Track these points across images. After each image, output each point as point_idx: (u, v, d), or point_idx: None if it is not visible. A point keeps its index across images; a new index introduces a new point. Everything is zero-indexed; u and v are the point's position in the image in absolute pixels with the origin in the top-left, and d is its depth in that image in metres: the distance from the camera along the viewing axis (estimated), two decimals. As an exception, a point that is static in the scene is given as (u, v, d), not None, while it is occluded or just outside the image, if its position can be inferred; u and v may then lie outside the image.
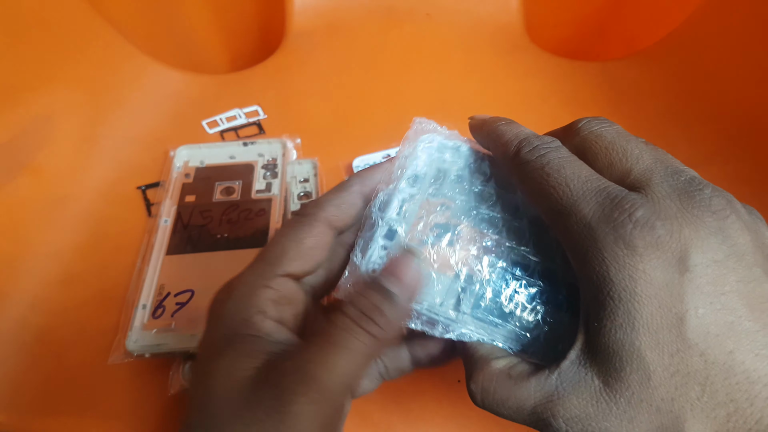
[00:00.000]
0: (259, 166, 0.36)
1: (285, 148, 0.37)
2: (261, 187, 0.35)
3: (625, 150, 0.16)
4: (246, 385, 0.15)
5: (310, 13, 0.52)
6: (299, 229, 0.18)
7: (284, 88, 0.44)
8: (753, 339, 0.13)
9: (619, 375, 0.14)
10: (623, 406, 0.14)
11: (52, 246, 0.34)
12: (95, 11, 0.43)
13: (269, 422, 0.15)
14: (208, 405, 0.16)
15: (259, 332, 0.16)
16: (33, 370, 0.29)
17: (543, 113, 0.40)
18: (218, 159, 0.37)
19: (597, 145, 0.16)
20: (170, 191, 0.35)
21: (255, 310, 0.17)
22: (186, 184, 0.35)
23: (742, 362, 0.13)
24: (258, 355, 0.16)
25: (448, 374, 0.27)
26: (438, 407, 0.26)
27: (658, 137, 0.38)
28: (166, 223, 0.33)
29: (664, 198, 0.14)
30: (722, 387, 0.13)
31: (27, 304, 0.31)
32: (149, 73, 0.45)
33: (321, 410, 0.15)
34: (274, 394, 0.15)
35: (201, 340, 0.18)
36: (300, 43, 0.50)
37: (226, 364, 0.16)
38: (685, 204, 0.14)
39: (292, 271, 0.18)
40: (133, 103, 0.43)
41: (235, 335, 0.16)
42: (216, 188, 0.35)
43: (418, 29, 0.50)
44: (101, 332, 0.30)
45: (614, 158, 0.16)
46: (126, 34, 0.45)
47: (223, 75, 0.48)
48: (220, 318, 0.17)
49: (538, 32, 0.52)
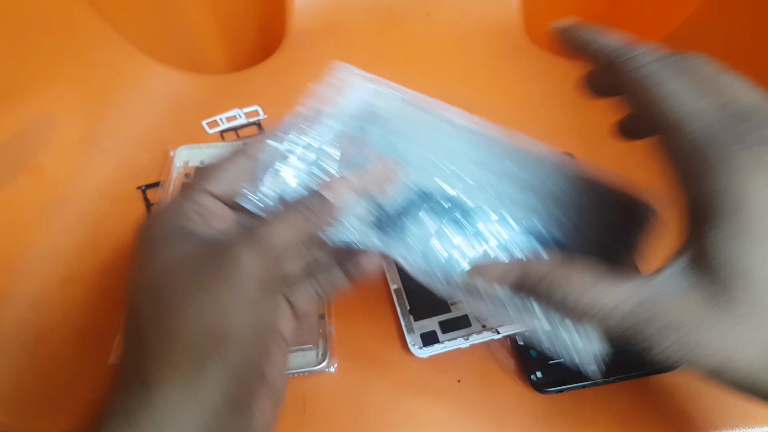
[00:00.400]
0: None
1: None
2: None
3: (733, 79, 0.16)
4: (187, 260, 0.16)
5: (310, 13, 0.52)
6: (223, 159, 0.20)
7: (284, 88, 0.44)
8: None
9: (730, 287, 0.13)
10: (733, 318, 0.13)
11: (52, 246, 0.34)
12: (95, 11, 0.43)
13: (218, 274, 0.16)
14: (158, 281, 0.16)
15: (191, 227, 0.18)
16: (33, 369, 0.29)
17: (543, 113, 0.40)
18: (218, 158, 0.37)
19: (704, 70, 0.16)
20: (170, 191, 0.35)
21: (183, 217, 0.18)
22: (186, 183, 0.35)
23: None
24: (193, 240, 0.17)
25: (448, 374, 0.27)
26: (438, 407, 0.26)
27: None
28: None
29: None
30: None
31: (27, 303, 0.31)
32: (149, 73, 0.45)
33: (263, 260, 0.16)
34: (219, 251, 0.16)
35: (136, 256, 0.18)
36: (300, 43, 0.50)
37: (165, 248, 0.17)
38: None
39: (212, 189, 0.19)
40: (133, 103, 0.43)
41: (167, 235, 0.18)
42: None
43: (418, 29, 0.50)
44: (102, 332, 0.30)
45: (723, 83, 0.16)
46: (126, 35, 0.45)
47: (223, 75, 0.48)
48: (151, 232, 0.18)
49: (538, 32, 0.52)
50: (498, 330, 0.26)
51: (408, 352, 0.27)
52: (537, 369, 0.26)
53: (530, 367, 0.26)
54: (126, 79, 0.44)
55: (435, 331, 0.27)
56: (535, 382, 0.26)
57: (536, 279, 0.17)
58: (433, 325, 0.28)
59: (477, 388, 0.26)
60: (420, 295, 0.29)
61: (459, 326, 0.27)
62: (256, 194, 0.20)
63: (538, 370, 0.26)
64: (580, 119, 0.40)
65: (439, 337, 0.27)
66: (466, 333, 0.27)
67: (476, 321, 0.27)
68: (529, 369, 0.26)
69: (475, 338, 0.27)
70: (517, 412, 0.26)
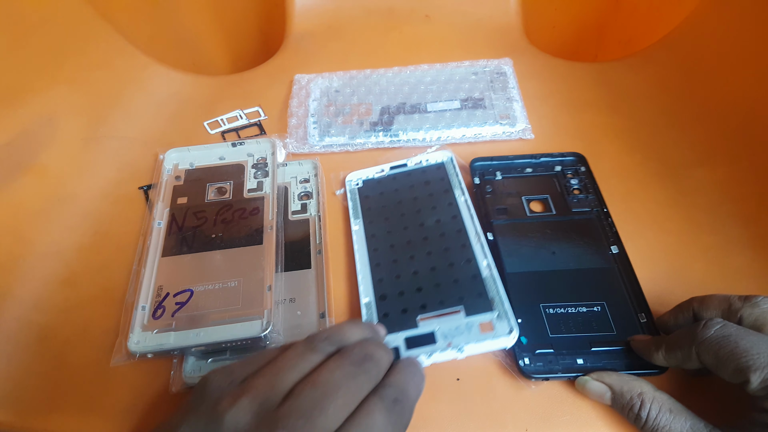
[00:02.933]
0: (249, 166, 0.36)
1: (274, 147, 0.37)
2: (252, 186, 0.35)
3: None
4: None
5: (310, 14, 0.52)
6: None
7: (285, 89, 0.45)
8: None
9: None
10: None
11: (54, 246, 0.34)
12: (97, 13, 0.43)
13: None
14: None
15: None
16: (35, 369, 0.29)
17: (542, 114, 0.40)
18: (207, 160, 0.37)
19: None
20: (162, 194, 0.35)
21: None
22: (177, 186, 0.35)
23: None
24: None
25: (448, 373, 0.27)
26: (437, 405, 0.26)
27: (655, 138, 0.38)
28: (160, 225, 0.33)
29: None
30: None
31: (29, 303, 0.31)
32: (151, 74, 0.46)
33: None
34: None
35: None
36: (300, 45, 0.50)
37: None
38: None
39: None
40: (134, 104, 0.43)
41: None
42: (208, 189, 0.35)
43: (417, 31, 0.50)
44: (103, 331, 0.30)
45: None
46: (128, 36, 0.45)
47: (224, 76, 0.48)
48: None
49: (536, 34, 0.52)
50: (463, 348, 0.26)
51: None
52: (526, 355, 0.27)
53: (520, 353, 0.27)
54: (127, 80, 0.44)
55: (398, 347, 0.27)
56: (523, 368, 0.26)
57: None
58: (398, 340, 0.27)
59: (476, 387, 0.27)
60: (390, 309, 0.29)
61: (424, 343, 0.27)
62: None
63: (527, 356, 0.27)
64: (580, 120, 0.40)
65: (401, 353, 0.27)
66: (430, 350, 0.26)
67: (442, 338, 0.27)
68: (519, 355, 0.27)
69: (437, 357, 0.26)
70: (517, 410, 0.26)
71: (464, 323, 0.27)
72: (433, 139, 0.39)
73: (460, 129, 0.39)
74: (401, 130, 0.39)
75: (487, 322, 0.27)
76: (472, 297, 0.28)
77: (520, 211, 0.33)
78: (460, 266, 0.30)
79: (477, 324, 0.27)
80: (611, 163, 0.36)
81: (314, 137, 0.39)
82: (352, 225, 0.34)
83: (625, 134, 0.39)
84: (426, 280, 0.29)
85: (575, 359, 0.26)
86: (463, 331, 0.27)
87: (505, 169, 0.36)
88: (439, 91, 0.42)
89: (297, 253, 0.32)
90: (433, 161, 0.36)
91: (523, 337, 0.27)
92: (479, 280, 0.29)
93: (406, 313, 0.28)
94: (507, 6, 0.51)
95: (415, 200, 0.34)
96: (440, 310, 0.28)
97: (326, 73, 0.45)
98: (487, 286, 0.28)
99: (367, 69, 0.45)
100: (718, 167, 0.36)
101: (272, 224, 0.32)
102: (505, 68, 0.44)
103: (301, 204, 0.35)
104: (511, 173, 0.35)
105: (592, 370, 0.26)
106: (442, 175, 0.35)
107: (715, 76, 0.40)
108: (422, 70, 0.45)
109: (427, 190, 0.34)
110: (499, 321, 0.27)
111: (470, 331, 0.27)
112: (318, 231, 0.33)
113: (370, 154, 0.39)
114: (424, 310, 0.28)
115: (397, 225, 0.33)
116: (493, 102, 0.41)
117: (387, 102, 0.42)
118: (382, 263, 0.31)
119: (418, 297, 0.29)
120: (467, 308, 0.28)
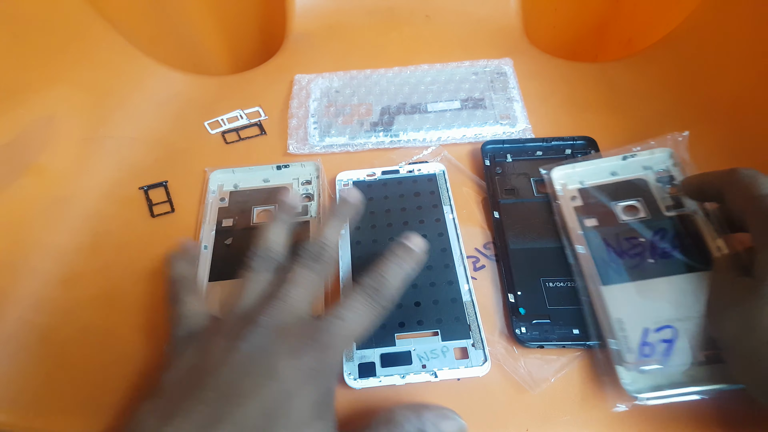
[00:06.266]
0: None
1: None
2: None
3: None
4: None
5: (310, 15, 0.52)
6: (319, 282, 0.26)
7: (285, 89, 0.45)
8: None
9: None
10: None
11: (54, 246, 0.34)
12: (97, 13, 0.43)
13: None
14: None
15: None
16: (35, 369, 0.29)
17: (542, 114, 0.40)
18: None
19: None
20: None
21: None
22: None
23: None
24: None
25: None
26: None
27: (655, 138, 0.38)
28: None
29: None
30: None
31: (29, 303, 0.31)
32: (151, 74, 0.46)
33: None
34: None
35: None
36: (301, 45, 0.50)
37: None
38: None
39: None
40: (135, 105, 0.43)
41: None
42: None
43: (417, 31, 0.50)
44: (103, 332, 0.30)
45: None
46: (128, 36, 0.45)
47: (224, 76, 0.48)
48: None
49: (536, 34, 0.52)
50: (436, 373, 0.26)
51: (342, 381, 0.26)
52: (522, 325, 0.28)
53: (517, 322, 0.28)
54: (128, 81, 0.44)
55: (374, 362, 0.27)
56: (519, 336, 0.27)
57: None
58: (375, 356, 0.27)
59: (477, 387, 0.27)
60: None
61: (400, 362, 0.27)
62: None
63: (523, 326, 0.28)
64: (580, 120, 0.40)
65: (377, 370, 0.26)
66: (405, 371, 0.26)
67: (417, 359, 0.27)
68: (516, 324, 0.28)
69: (411, 378, 0.26)
70: (517, 410, 0.26)
71: (440, 347, 0.27)
72: (433, 139, 0.39)
73: (460, 129, 0.39)
74: (402, 131, 0.39)
75: (462, 348, 0.27)
76: (450, 321, 0.28)
77: (528, 192, 0.34)
78: (441, 287, 0.29)
79: (452, 349, 0.27)
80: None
81: (315, 138, 0.39)
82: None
83: (625, 134, 0.39)
84: (406, 297, 0.29)
85: (571, 329, 0.27)
86: (438, 355, 0.27)
87: (515, 152, 0.36)
88: (439, 92, 0.42)
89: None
90: (426, 172, 0.36)
91: (522, 308, 0.28)
92: (459, 304, 0.29)
93: (385, 329, 0.28)
94: (507, 6, 0.51)
95: (403, 211, 0.33)
96: (418, 330, 0.28)
97: (326, 73, 0.45)
98: (466, 311, 0.28)
99: (367, 69, 0.45)
100: (719, 167, 0.35)
101: None
102: (505, 68, 0.44)
103: (302, 206, 0.35)
104: (522, 156, 0.36)
105: (588, 340, 0.27)
106: (433, 188, 0.35)
107: (716, 76, 0.40)
108: (422, 71, 0.45)
109: (416, 202, 0.34)
110: (474, 350, 0.27)
111: (445, 355, 0.27)
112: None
113: (371, 155, 0.39)
114: (402, 328, 0.28)
115: (383, 234, 0.32)
116: (493, 102, 0.41)
117: (387, 102, 0.42)
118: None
119: (397, 313, 0.28)
120: (444, 332, 0.28)
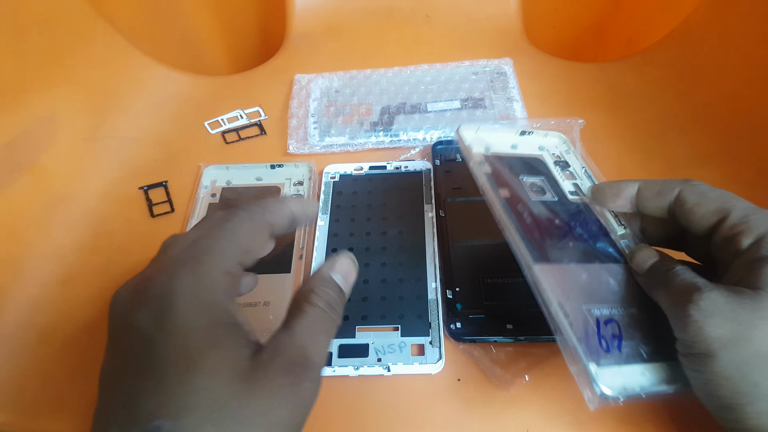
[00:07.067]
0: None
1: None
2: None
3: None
4: (246, 371, 0.17)
5: (310, 14, 0.52)
6: (249, 226, 0.20)
7: (285, 89, 0.45)
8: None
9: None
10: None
11: (54, 246, 0.34)
12: (97, 13, 0.43)
13: (279, 401, 0.16)
14: (214, 395, 0.16)
15: (238, 320, 0.18)
16: (34, 369, 0.29)
17: (542, 114, 0.40)
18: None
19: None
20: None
21: (227, 298, 0.18)
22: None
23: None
24: (248, 344, 0.17)
25: (449, 373, 0.27)
26: (439, 406, 0.26)
27: (656, 138, 0.38)
28: None
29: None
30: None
31: (29, 304, 0.31)
32: (151, 74, 0.46)
33: (317, 387, 0.18)
34: (282, 376, 0.17)
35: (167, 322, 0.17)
36: (301, 45, 0.50)
37: (222, 355, 0.17)
38: None
39: (243, 261, 0.19)
40: (135, 105, 0.43)
41: (217, 324, 0.17)
42: None
43: (417, 31, 0.50)
44: (103, 332, 0.30)
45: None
46: (128, 36, 0.45)
47: (224, 76, 0.48)
48: (192, 303, 0.17)
49: (536, 34, 0.52)
50: (390, 367, 0.26)
51: None
52: (458, 320, 0.28)
53: (453, 318, 0.28)
54: (128, 81, 0.44)
55: (331, 352, 0.27)
56: (453, 331, 0.28)
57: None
58: (333, 347, 0.27)
59: (477, 387, 0.27)
60: None
61: (357, 354, 0.27)
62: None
63: (458, 321, 0.28)
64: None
65: (333, 360, 0.27)
66: (360, 363, 0.26)
67: (374, 352, 0.27)
68: (451, 319, 0.28)
69: (364, 370, 0.26)
70: (517, 410, 0.26)
71: (398, 342, 0.28)
72: (433, 139, 0.39)
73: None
74: (401, 130, 0.39)
75: (420, 345, 0.27)
76: (412, 317, 0.28)
77: (475, 190, 0.33)
78: (409, 283, 0.30)
79: (410, 345, 0.27)
80: (612, 163, 0.36)
81: (314, 137, 0.39)
82: (318, 219, 0.33)
83: (625, 134, 0.39)
84: (373, 291, 0.30)
85: (505, 324, 0.27)
86: (395, 350, 0.27)
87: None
88: (439, 91, 0.42)
89: (278, 257, 0.32)
90: (412, 169, 0.36)
91: (459, 304, 0.28)
92: (424, 301, 0.29)
93: (347, 320, 0.28)
94: (507, 6, 0.51)
95: (384, 206, 0.34)
96: (380, 324, 0.28)
97: (326, 73, 0.45)
98: (429, 309, 0.29)
99: (367, 69, 0.45)
100: (719, 167, 0.36)
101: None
102: (505, 68, 0.44)
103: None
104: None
105: (521, 334, 0.27)
106: (418, 184, 0.35)
107: (716, 76, 0.40)
108: (422, 70, 0.45)
109: (398, 198, 0.34)
110: (431, 347, 0.27)
111: (402, 351, 0.27)
112: (303, 236, 0.33)
113: (371, 155, 0.39)
114: (364, 321, 0.28)
115: (360, 229, 0.33)
116: (493, 102, 0.41)
117: (387, 102, 0.42)
118: None
119: (361, 307, 0.29)
120: (404, 327, 0.28)
